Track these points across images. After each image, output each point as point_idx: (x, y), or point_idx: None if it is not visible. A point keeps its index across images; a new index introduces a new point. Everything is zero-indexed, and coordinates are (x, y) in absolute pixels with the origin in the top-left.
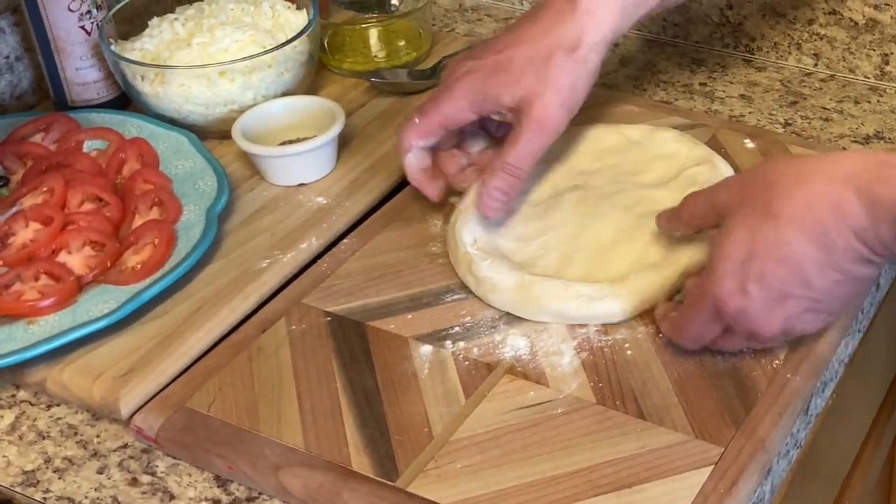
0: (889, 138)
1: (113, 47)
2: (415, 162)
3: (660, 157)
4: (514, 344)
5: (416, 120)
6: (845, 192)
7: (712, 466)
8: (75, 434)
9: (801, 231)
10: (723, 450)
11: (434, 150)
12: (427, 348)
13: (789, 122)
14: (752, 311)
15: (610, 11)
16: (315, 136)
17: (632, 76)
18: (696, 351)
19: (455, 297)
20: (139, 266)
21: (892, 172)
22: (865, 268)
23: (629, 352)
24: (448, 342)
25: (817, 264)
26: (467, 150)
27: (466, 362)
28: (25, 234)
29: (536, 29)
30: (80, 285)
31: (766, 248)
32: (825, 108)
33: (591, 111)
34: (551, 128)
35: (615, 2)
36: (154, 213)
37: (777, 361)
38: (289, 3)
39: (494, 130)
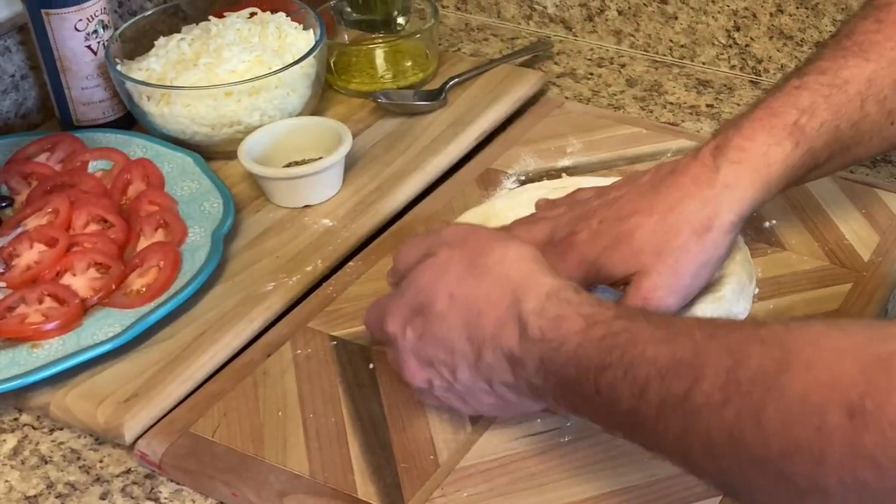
0: (893, 161)
1: (119, 67)
2: None
3: None
4: None
5: None
6: (511, 311)
7: (720, 497)
8: (78, 459)
9: (464, 328)
10: None
11: None
12: None
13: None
14: (403, 350)
15: (753, 187)
16: (321, 157)
17: (638, 97)
18: None
19: None
20: (144, 289)
21: (555, 307)
22: (513, 395)
23: None
24: None
25: (467, 362)
26: None
27: None
28: (30, 255)
29: (668, 198)
30: (85, 308)
31: (433, 316)
32: None
33: (596, 133)
34: (659, 307)
35: (759, 177)
36: (159, 235)
37: None
38: (295, 24)
39: None
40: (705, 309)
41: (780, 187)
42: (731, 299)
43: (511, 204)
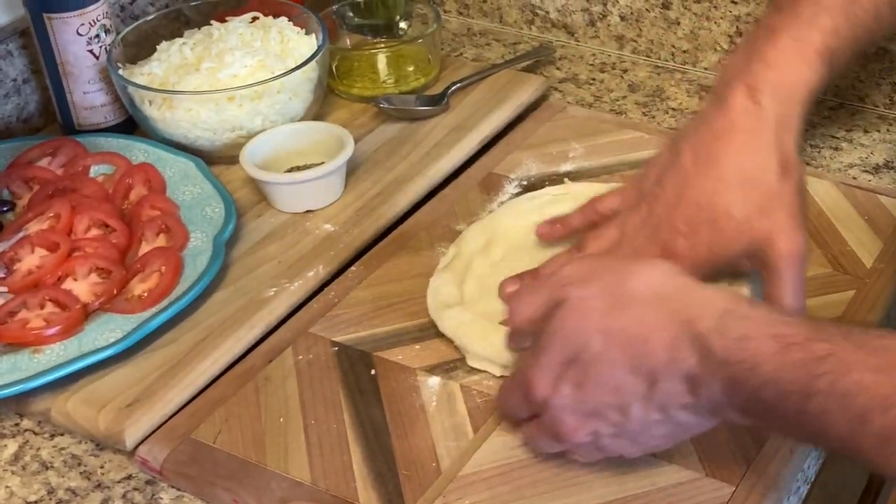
0: None
1: (121, 71)
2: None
3: None
4: None
5: None
6: (683, 337)
7: None
8: (79, 464)
9: (629, 361)
10: (734, 488)
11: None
12: (435, 380)
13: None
14: (559, 410)
15: (799, 113)
16: (323, 162)
17: (640, 102)
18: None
19: None
20: (146, 294)
21: (736, 328)
22: (691, 417)
23: None
24: (456, 374)
25: (637, 396)
26: None
27: (475, 395)
28: (31, 260)
29: (733, 162)
30: (86, 313)
31: (590, 360)
32: (834, 137)
33: (599, 138)
34: (804, 254)
35: (802, 100)
36: (161, 240)
37: None
38: (298, 28)
39: None
40: None
41: (813, 102)
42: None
43: (516, 216)
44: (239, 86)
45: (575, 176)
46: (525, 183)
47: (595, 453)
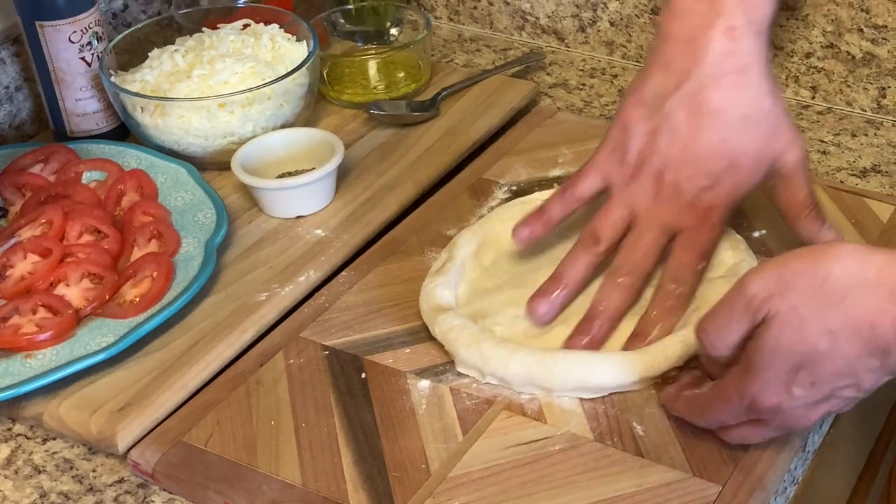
0: (886, 171)
1: (113, 78)
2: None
3: None
4: None
5: None
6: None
7: None
8: (71, 468)
9: (862, 345)
10: (721, 488)
11: None
12: (425, 383)
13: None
14: (792, 410)
15: (765, 40)
16: (314, 168)
17: None
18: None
19: None
20: (138, 299)
21: None
22: None
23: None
24: (446, 377)
25: (873, 371)
26: None
27: (464, 397)
28: (24, 266)
29: (731, 105)
30: (79, 318)
31: (820, 360)
32: (822, 141)
33: (588, 143)
34: (806, 153)
35: (766, 27)
36: (153, 246)
37: None
38: (289, 35)
39: None
40: None
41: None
42: None
43: (507, 220)
44: (230, 92)
45: (564, 181)
46: (515, 188)
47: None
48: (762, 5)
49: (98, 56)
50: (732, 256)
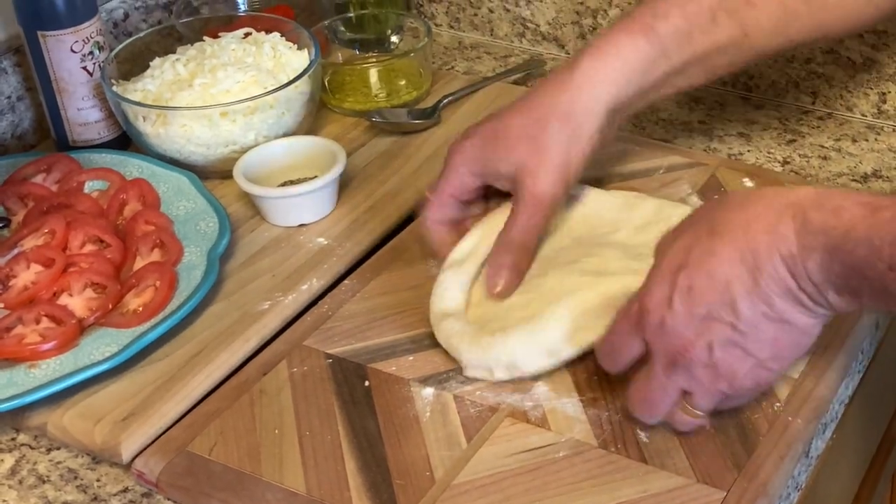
0: (887, 177)
1: (115, 88)
2: (438, 228)
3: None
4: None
5: (428, 195)
6: (783, 216)
7: None
8: (76, 478)
9: (734, 249)
10: (725, 494)
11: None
12: (429, 391)
13: (787, 160)
14: (674, 325)
15: (609, 79)
16: (316, 176)
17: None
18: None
19: None
20: (141, 309)
21: (831, 201)
22: (796, 311)
23: None
24: (450, 384)
25: (745, 287)
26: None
27: (468, 405)
28: (27, 276)
29: (535, 98)
30: (82, 328)
31: (699, 260)
32: (823, 147)
33: None
34: (546, 201)
35: (615, 70)
36: (155, 255)
37: (778, 404)
38: (290, 44)
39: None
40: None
41: (638, 83)
42: None
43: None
44: (232, 101)
45: None
46: None
47: (712, 381)
48: (620, 49)
49: (100, 65)
50: None
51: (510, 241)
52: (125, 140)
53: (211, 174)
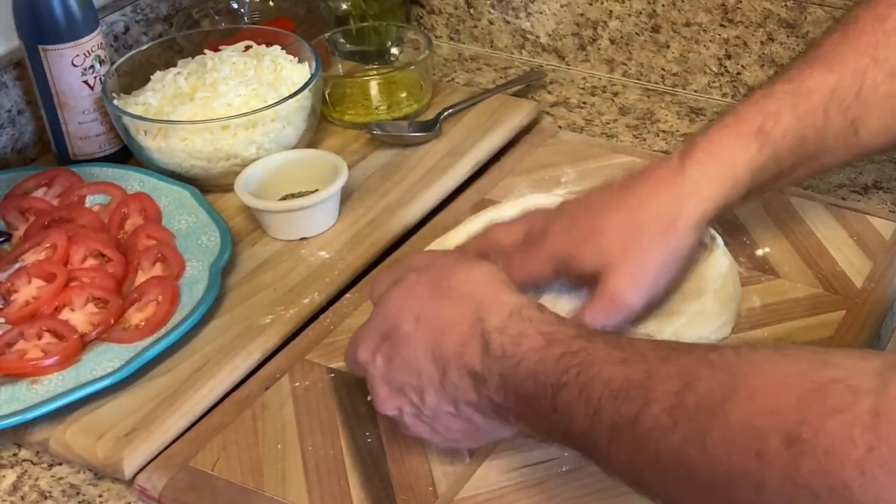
0: (888, 188)
1: (116, 101)
2: None
3: None
4: None
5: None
6: (474, 330)
7: None
8: (77, 494)
9: (429, 346)
10: None
11: None
12: None
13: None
14: (374, 378)
15: (718, 187)
16: (317, 189)
17: (631, 125)
18: None
19: None
20: (143, 323)
21: (518, 325)
22: (479, 416)
23: None
24: None
25: (433, 385)
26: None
27: None
28: (28, 290)
29: (635, 196)
30: (84, 343)
31: (401, 340)
32: None
33: (590, 162)
34: (623, 307)
35: (724, 177)
36: (157, 270)
37: None
38: (291, 56)
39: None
40: (687, 324)
41: (746, 189)
42: (713, 312)
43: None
44: (233, 115)
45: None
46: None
47: (406, 429)
48: (726, 147)
49: (101, 79)
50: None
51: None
52: (126, 154)
53: (212, 188)
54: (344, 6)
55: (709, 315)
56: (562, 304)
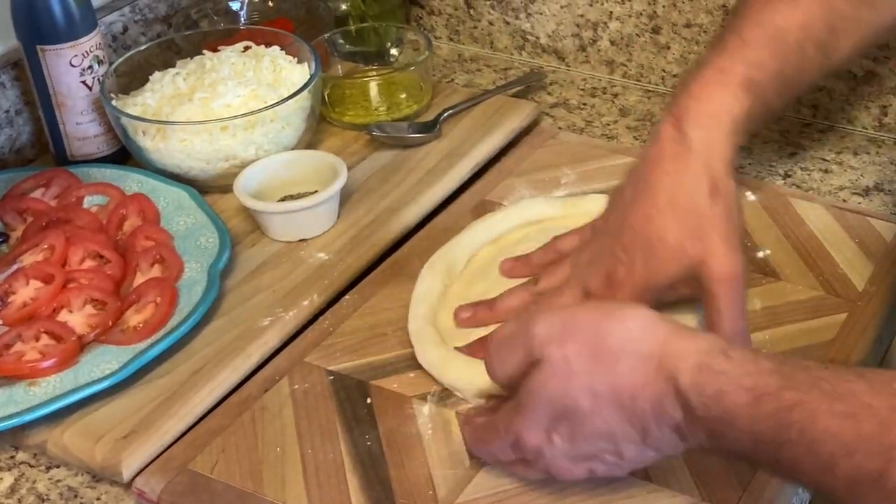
0: (889, 190)
1: (114, 102)
2: None
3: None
4: None
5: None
6: (666, 392)
7: None
8: (75, 497)
9: (622, 417)
10: None
11: None
12: (431, 408)
13: (789, 173)
14: (554, 458)
15: (727, 139)
16: (317, 190)
17: (631, 127)
18: None
19: None
20: (141, 325)
21: (712, 384)
22: (682, 447)
23: None
24: (452, 401)
25: (633, 443)
26: None
27: None
28: (26, 292)
29: (663, 189)
30: (82, 345)
31: (581, 417)
32: (824, 160)
33: (590, 163)
34: (739, 275)
35: (728, 129)
36: (156, 271)
37: None
38: (290, 57)
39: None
40: None
41: (746, 131)
42: None
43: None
44: (232, 115)
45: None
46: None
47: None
48: (716, 101)
49: (99, 79)
50: None
51: (733, 339)
52: (124, 154)
53: (211, 189)
54: (343, 7)
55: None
56: None
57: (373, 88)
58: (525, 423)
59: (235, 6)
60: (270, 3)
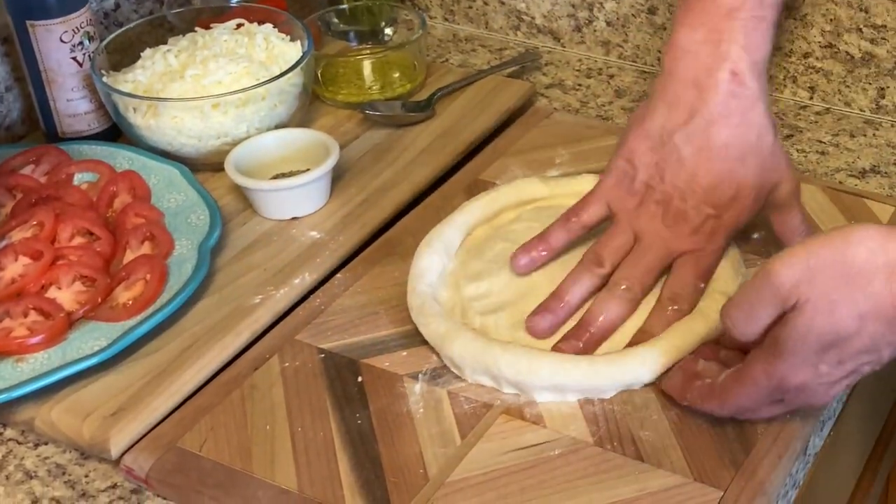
0: (886, 172)
1: (105, 79)
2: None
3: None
4: None
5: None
6: None
7: None
8: (63, 474)
9: (887, 326)
10: (722, 493)
11: None
12: (422, 387)
13: None
14: (817, 386)
15: (765, 80)
16: (308, 169)
17: (627, 108)
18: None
19: None
20: (130, 302)
21: None
22: None
23: (627, 392)
24: (443, 380)
25: (891, 345)
26: None
27: (462, 401)
28: (14, 268)
29: (735, 139)
30: (71, 322)
31: (849, 340)
32: (821, 142)
33: (584, 144)
34: (800, 186)
35: (766, 69)
36: (146, 248)
37: None
38: (283, 35)
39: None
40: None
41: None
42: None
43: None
44: (224, 93)
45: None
46: None
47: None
48: (762, 48)
49: (90, 56)
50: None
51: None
52: (115, 131)
53: (202, 166)
54: None
55: (709, 312)
56: None
57: (366, 67)
58: (788, 365)
59: None
60: None
